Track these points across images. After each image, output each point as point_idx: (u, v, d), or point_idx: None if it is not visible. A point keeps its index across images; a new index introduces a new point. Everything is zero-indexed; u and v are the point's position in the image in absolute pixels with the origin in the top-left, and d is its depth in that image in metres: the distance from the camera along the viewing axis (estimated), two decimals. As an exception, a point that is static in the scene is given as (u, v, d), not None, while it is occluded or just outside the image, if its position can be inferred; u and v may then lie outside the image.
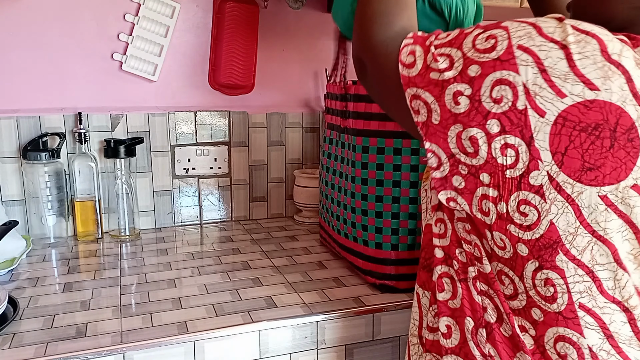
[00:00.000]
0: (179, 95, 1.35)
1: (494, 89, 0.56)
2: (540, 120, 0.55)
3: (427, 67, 0.61)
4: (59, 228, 1.25)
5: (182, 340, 0.81)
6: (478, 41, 0.59)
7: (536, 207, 0.57)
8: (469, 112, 0.58)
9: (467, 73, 0.58)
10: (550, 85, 0.54)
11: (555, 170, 0.55)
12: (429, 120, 0.62)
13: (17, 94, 1.22)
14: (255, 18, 1.33)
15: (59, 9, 1.22)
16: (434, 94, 0.61)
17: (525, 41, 0.56)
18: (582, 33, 0.55)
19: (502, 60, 0.56)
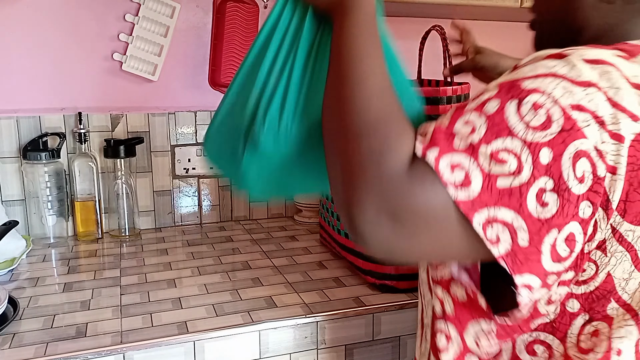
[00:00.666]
0: (179, 95, 1.35)
1: (576, 168, 0.49)
2: (612, 178, 0.50)
3: (489, 175, 0.49)
4: (59, 228, 1.25)
5: (182, 340, 0.81)
6: (527, 117, 0.50)
7: (596, 262, 0.53)
8: (561, 208, 0.49)
9: (539, 162, 0.49)
10: (611, 136, 0.49)
11: (618, 221, 0.52)
12: (515, 245, 0.49)
13: (17, 94, 1.22)
14: (255, 18, 1.33)
15: (59, 9, 1.22)
16: (513, 207, 0.49)
17: (571, 98, 0.50)
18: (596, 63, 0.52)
19: (566, 131, 0.49)
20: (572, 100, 0.49)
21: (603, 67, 0.51)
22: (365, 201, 0.50)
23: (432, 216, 0.49)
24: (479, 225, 0.49)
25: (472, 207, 0.49)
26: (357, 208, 0.51)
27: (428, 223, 0.50)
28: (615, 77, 0.51)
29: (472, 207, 0.49)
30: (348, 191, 0.52)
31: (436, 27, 1.05)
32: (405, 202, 0.49)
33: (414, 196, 0.49)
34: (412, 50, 1.17)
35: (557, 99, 0.49)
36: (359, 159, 0.52)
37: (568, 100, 0.49)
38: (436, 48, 1.13)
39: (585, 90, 0.50)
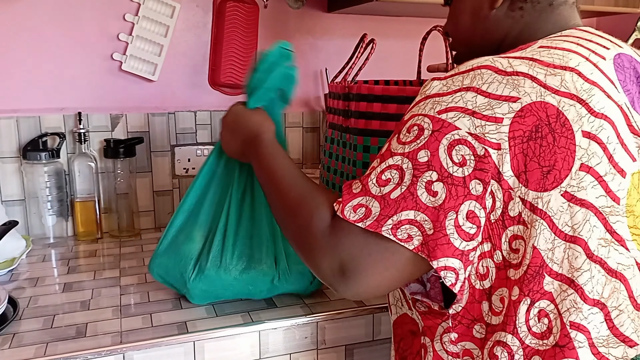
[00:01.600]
0: (179, 95, 1.35)
1: (452, 155, 0.57)
2: (499, 153, 0.57)
3: (382, 196, 0.59)
4: (59, 228, 1.25)
5: (182, 340, 0.81)
6: (403, 138, 0.60)
7: (522, 237, 0.57)
8: (449, 192, 0.57)
9: (419, 163, 0.58)
10: (487, 119, 0.57)
11: (524, 192, 0.57)
12: (425, 236, 0.57)
13: (17, 94, 1.22)
14: (255, 18, 1.33)
15: (59, 9, 1.22)
16: (410, 207, 0.57)
17: (438, 106, 0.59)
18: (469, 71, 0.61)
19: (436, 131, 0.58)
20: (439, 108, 0.59)
21: (476, 72, 0.60)
22: (317, 266, 0.62)
23: (365, 253, 0.59)
24: (389, 233, 0.58)
25: (378, 224, 0.58)
26: (315, 271, 0.63)
27: (366, 260, 0.59)
28: (486, 75, 0.60)
29: (378, 223, 0.58)
30: (304, 259, 0.66)
31: (437, 27, 1.05)
32: (342, 255, 0.60)
33: (343, 245, 0.60)
34: (413, 50, 1.18)
35: (426, 113, 0.60)
36: (297, 234, 0.66)
37: (436, 109, 0.59)
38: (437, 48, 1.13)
39: (452, 96, 0.59)
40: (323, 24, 1.43)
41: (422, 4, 1.23)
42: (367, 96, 0.98)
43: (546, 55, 0.62)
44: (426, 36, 1.12)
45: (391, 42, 1.44)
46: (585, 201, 0.56)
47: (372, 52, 1.02)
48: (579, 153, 0.57)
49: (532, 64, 0.60)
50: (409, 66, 1.18)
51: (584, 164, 0.57)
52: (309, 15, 1.41)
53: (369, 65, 1.09)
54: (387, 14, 1.45)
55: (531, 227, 0.57)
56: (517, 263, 0.58)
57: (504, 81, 0.59)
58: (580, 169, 0.56)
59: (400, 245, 0.58)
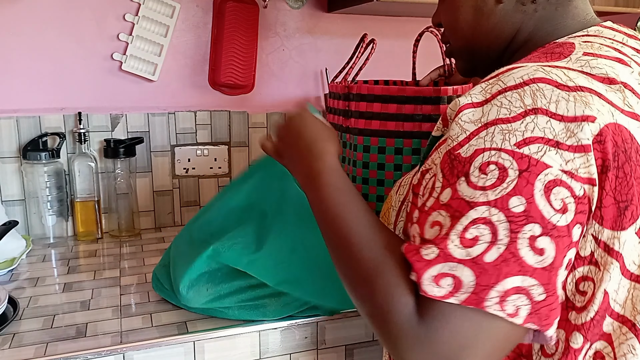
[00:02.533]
0: (179, 95, 1.35)
1: (552, 202, 0.47)
2: (593, 189, 0.48)
3: (472, 260, 0.47)
4: (59, 228, 1.25)
5: (182, 340, 0.81)
6: (480, 182, 0.48)
7: (593, 279, 0.50)
8: (557, 247, 0.47)
9: (514, 214, 0.46)
10: (575, 150, 0.47)
11: (597, 229, 0.50)
12: (534, 304, 0.47)
13: (17, 94, 1.22)
14: (255, 18, 1.33)
15: (59, 9, 1.22)
16: (514, 272, 0.46)
17: (514, 137, 0.48)
18: (521, 86, 0.50)
19: (525, 170, 0.47)
20: (515, 139, 0.48)
21: (532, 86, 0.50)
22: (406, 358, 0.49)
23: (463, 336, 0.47)
24: (495, 308, 0.46)
25: (477, 299, 0.46)
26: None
27: (466, 343, 0.47)
28: (548, 90, 0.49)
29: (478, 298, 0.46)
30: (386, 344, 0.51)
31: (430, 29, 1.05)
32: (442, 349, 0.47)
33: (442, 338, 0.47)
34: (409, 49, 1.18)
35: (499, 147, 0.48)
36: (372, 312, 0.52)
37: (512, 141, 0.48)
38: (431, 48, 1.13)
39: (522, 122, 0.48)
40: (323, 24, 1.43)
41: (422, 4, 1.23)
42: (367, 96, 0.98)
43: (597, 66, 0.53)
44: (419, 37, 1.12)
45: (391, 42, 1.44)
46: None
47: (372, 52, 1.02)
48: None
49: (587, 77, 0.52)
50: (409, 66, 1.18)
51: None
52: (309, 15, 1.41)
53: (370, 65, 1.09)
54: (387, 14, 1.45)
55: (604, 269, 0.50)
56: (582, 307, 0.51)
57: (570, 98, 0.49)
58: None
59: (507, 321, 0.47)
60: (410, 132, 0.96)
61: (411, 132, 0.96)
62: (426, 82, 1.02)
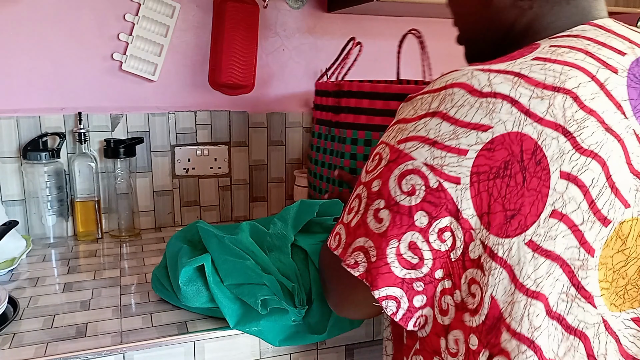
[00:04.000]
0: (179, 95, 1.35)
1: (402, 184, 0.55)
2: (457, 188, 0.52)
3: (347, 223, 0.61)
4: (59, 228, 1.25)
5: (182, 340, 0.81)
6: (368, 167, 0.60)
7: (479, 283, 0.53)
8: (393, 220, 0.55)
9: (372, 191, 0.58)
10: (448, 150, 0.53)
11: (485, 235, 0.52)
12: (369, 264, 0.57)
13: (17, 94, 1.22)
14: (255, 18, 1.33)
15: (59, 9, 1.22)
16: (362, 233, 0.58)
17: (400, 135, 0.57)
18: (440, 90, 0.56)
19: (392, 161, 0.57)
20: (400, 136, 0.57)
21: (447, 91, 0.55)
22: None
23: (335, 281, 0.67)
24: (346, 259, 0.59)
25: (343, 252, 0.60)
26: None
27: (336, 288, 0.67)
28: (457, 96, 0.54)
29: (343, 251, 0.60)
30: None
31: (412, 31, 1.13)
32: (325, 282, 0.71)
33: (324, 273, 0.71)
34: (413, 49, 1.18)
35: (389, 141, 0.58)
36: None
37: (397, 138, 0.57)
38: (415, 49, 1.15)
39: (416, 123, 0.56)
40: (323, 24, 1.43)
41: (422, 4, 1.23)
42: (357, 93, 1.07)
43: (538, 71, 0.53)
44: (403, 39, 1.17)
45: (391, 42, 1.44)
46: (551, 252, 0.50)
47: (359, 54, 1.11)
48: (553, 198, 0.50)
49: (517, 81, 0.53)
50: (409, 65, 1.18)
51: (557, 210, 0.50)
52: (309, 15, 1.41)
53: (370, 65, 1.10)
54: (387, 14, 1.45)
55: (489, 274, 0.52)
56: (473, 309, 0.54)
57: (476, 104, 0.52)
58: (552, 216, 0.50)
59: (349, 272, 0.59)
60: None
61: None
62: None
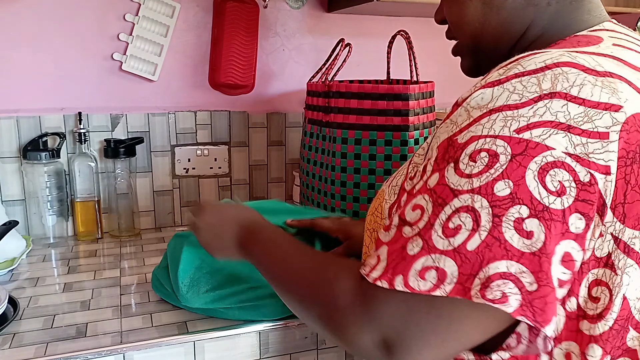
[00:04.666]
0: (179, 95, 1.35)
1: (546, 182, 0.44)
2: (607, 179, 0.45)
3: (455, 250, 0.45)
4: (59, 228, 1.25)
5: (182, 340, 0.81)
6: (467, 169, 0.46)
7: (607, 284, 0.46)
8: (548, 230, 0.44)
9: (498, 198, 0.44)
10: (589, 135, 0.44)
11: (619, 228, 0.46)
12: (525, 294, 0.44)
13: (17, 94, 1.22)
14: (255, 18, 1.33)
15: (59, 9, 1.22)
16: (498, 257, 0.44)
17: (516, 124, 0.46)
18: (544, 70, 0.48)
19: (519, 154, 0.45)
20: (517, 125, 0.46)
21: (554, 70, 0.47)
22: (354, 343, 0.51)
23: (449, 327, 0.47)
24: (477, 296, 0.44)
25: (463, 289, 0.44)
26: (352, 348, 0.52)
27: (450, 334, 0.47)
28: (573, 74, 0.47)
29: (464, 288, 0.44)
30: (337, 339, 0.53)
31: (401, 32, 1.16)
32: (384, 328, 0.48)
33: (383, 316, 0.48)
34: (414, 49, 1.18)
35: (496, 134, 0.46)
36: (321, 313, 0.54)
37: (512, 127, 0.46)
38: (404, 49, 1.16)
39: (532, 108, 0.46)
40: (323, 24, 1.43)
41: (422, 4, 1.23)
42: (346, 93, 1.10)
43: (628, 56, 0.51)
44: (392, 40, 1.21)
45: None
46: None
47: (348, 55, 1.13)
48: None
49: (619, 63, 0.49)
50: (407, 64, 1.18)
51: None
52: (309, 15, 1.41)
53: (370, 65, 1.11)
54: (387, 14, 1.45)
55: (623, 272, 0.46)
56: (596, 315, 0.47)
57: (597, 83, 0.46)
58: None
59: (494, 312, 0.44)
60: (383, 125, 1.08)
61: (384, 125, 1.08)
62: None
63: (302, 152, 1.23)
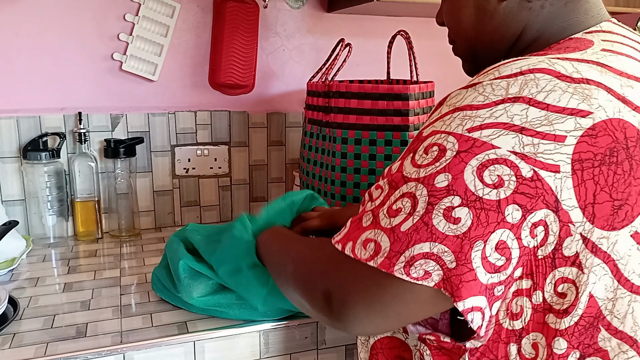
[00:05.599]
0: (179, 95, 1.35)
1: (484, 176, 0.47)
2: (557, 177, 0.47)
3: (392, 228, 0.50)
4: (59, 228, 1.25)
5: (182, 340, 0.81)
6: (419, 160, 0.51)
7: (574, 281, 0.48)
8: (477, 217, 0.47)
9: (436, 188, 0.49)
10: (542, 137, 0.47)
11: (588, 229, 0.47)
12: (446, 271, 0.48)
13: (17, 94, 1.22)
14: (255, 18, 1.33)
15: (59, 9, 1.22)
16: (424, 239, 0.48)
17: (470, 123, 0.49)
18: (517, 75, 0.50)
19: (464, 151, 0.48)
20: (471, 124, 0.49)
21: (527, 76, 0.49)
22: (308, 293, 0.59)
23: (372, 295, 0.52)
24: (401, 273, 0.49)
25: (389, 263, 0.49)
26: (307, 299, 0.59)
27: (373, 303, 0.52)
28: (544, 81, 0.49)
29: (390, 262, 0.49)
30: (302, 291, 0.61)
31: (401, 32, 1.16)
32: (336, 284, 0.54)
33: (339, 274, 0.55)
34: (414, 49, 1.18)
35: (451, 130, 0.50)
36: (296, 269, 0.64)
37: (466, 126, 0.49)
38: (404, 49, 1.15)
39: (491, 110, 0.49)
40: (323, 24, 1.43)
41: (422, 4, 1.23)
42: (346, 93, 1.10)
43: (615, 62, 0.52)
44: (392, 40, 1.21)
45: (391, 42, 1.44)
46: None
47: (348, 55, 1.13)
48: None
49: (602, 70, 0.50)
50: (407, 64, 1.18)
51: None
52: (309, 15, 1.41)
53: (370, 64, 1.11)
54: (387, 14, 1.45)
55: (590, 272, 0.48)
56: (562, 310, 0.49)
57: (569, 89, 0.48)
58: None
59: (416, 284, 0.49)
60: (383, 125, 1.08)
61: (384, 125, 1.08)
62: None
63: (302, 152, 1.23)
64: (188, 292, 0.85)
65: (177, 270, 0.85)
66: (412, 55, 1.17)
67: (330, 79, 1.13)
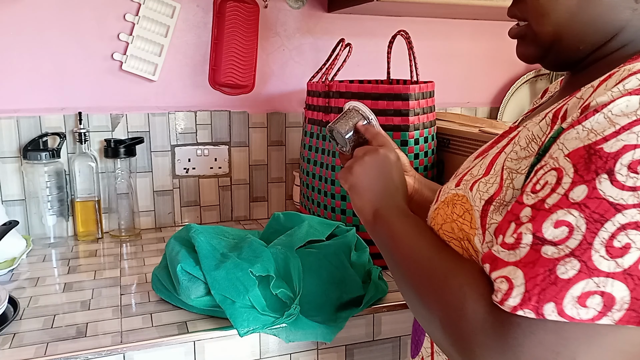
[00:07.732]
0: (179, 95, 1.35)
1: None
2: None
3: (625, 272, 0.42)
4: (59, 228, 1.25)
5: (182, 340, 0.81)
6: (628, 182, 0.43)
7: None
8: None
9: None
10: None
11: None
12: None
13: (17, 94, 1.22)
14: (255, 18, 1.33)
15: (59, 9, 1.22)
16: None
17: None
18: None
19: None
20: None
21: None
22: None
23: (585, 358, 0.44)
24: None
25: (638, 316, 0.42)
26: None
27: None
28: None
29: (638, 315, 0.42)
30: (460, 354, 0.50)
31: (401, 32, 1.16)
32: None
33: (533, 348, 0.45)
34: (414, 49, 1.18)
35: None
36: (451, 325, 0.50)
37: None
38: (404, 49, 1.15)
39: None
40: (323, 24, 1.43)
41: (422, 4, 1.23)
42: (345, 93, 1.10)
43: None
44: (392, 40, 1.21)
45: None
46: None
47: (348, 55, 1.12)
48: None
49: None
50: (407, 64, 1.18)
51: None
52: (309, 15, 1.41)
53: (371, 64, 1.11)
54: (387, 14, 1.45)
55: None
56: None
57: None
58: None
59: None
60: (383, 125, 1.06)
61: (384, 125, 1.05)
62: None
63: (302, 152, 1.24)
64: (187, 294, 0.85)
65: (175, 273, 0.86)
66: (412, 55, 1.17)
67: (330, 79, 1.14)
